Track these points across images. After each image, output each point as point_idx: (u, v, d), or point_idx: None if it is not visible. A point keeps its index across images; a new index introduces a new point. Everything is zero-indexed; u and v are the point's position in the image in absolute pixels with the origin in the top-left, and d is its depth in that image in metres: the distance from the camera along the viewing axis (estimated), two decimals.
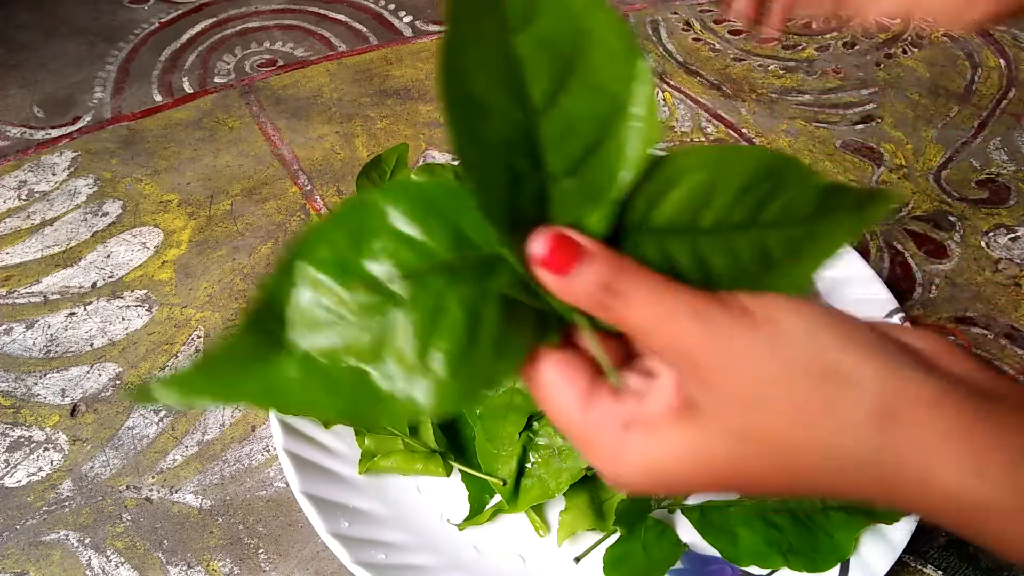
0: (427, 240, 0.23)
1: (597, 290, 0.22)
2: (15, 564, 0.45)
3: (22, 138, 0.71)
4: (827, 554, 0.40)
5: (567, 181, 0.23)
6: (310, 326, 0.22)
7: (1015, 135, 0.73)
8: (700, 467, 0.23)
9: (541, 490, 0.44)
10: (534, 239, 0.23)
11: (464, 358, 0.23)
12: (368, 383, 0.22)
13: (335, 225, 0.23)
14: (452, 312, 0.23)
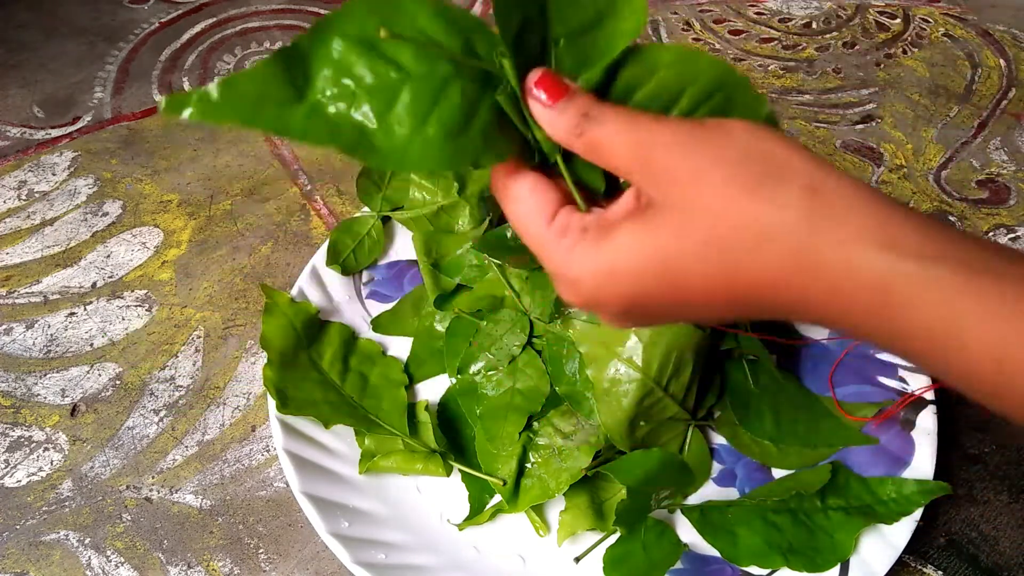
0: (444, 38, 0.26)
1: (577, 116, 0.26)
2: (15, 564, 0.45)
3: (22, 138, 0.71)
4: (827, 554, 0.40)
5: (565, 42, 0.27)
6: (331, 91, 0.25)
7: (1015, 135, 0.73)
8: (649, 262, 0.25)
9: (541, 490, 0.44)
10: (533, 72, 0.26)
11: (456, 135, 0.26)
12: (368, 135, 0.25)
13: (368, 8, 0.26)
14: (453, 96, 0.26)
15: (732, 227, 0.23)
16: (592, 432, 0.44)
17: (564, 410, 0.45)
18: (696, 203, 0.24)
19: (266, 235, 0.63)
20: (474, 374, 0.48)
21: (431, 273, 0.52)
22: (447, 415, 0.49)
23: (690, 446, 0.46)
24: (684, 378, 0.43)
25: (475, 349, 0.48)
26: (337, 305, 0.54)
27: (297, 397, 0.46)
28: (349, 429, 0.48)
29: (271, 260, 0.61)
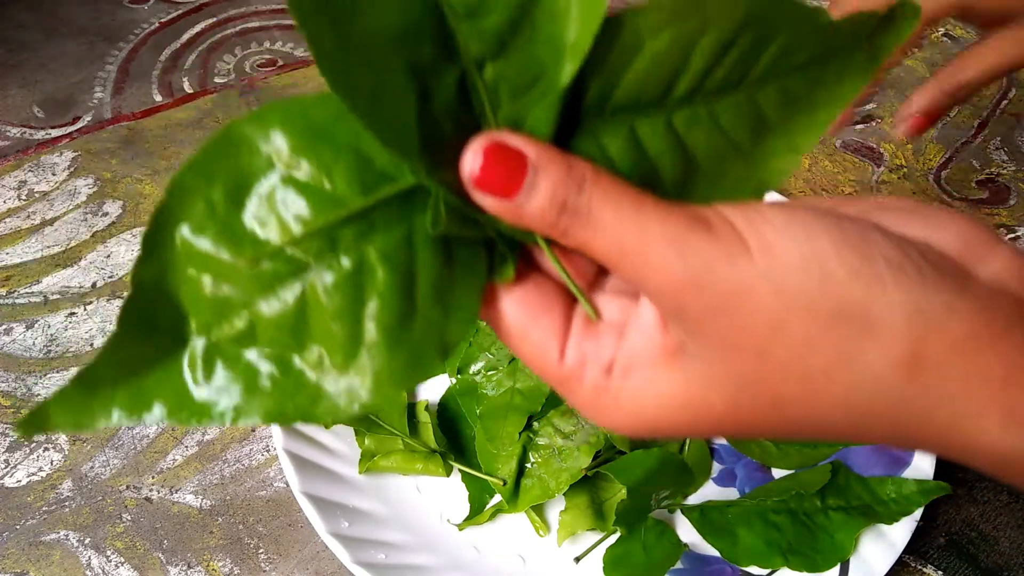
0: (323, 180, 0.18)
1: (552, 210, 0.18)
2: (15, 564, 0.45)
3: (22, 138, 0.71)
4: (827, 554, 0.40)
5: (494, 66, 0.18)
6: (211, 310, 0.18)
7: (1015, 135, 0.73)
8: (693, 413, 0.20)
9: (541, 490, 0.44)
10: (465, 155, 0.18)
11: (403, 325, 0.18)
12: (294, 375, 0.18)
13: (204, 175, 0.17)
14: (375, 270, 0.18)
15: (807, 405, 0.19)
16: (592, 432, 0.44)
17: (564, 410, 0.45)
18: (754, 376, 0.19)
19: None
20: (474, 374, 0.48)
21: None
22: (447, 415, 0.49)
23: (690, 446, 0.46)
24: None
25: (475, 349, 0.48)
26: None
27: None
28: (349, 429, 0.48)
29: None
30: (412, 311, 0.18)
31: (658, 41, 0.18)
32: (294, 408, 0.18)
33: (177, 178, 0.17)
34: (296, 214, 0.18)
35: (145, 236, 0.17)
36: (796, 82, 0.19)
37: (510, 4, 0.17)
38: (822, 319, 0.18)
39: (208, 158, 0.17)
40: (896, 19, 0.19)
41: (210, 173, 0.17)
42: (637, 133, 0.19)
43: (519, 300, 0.21)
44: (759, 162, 0.20)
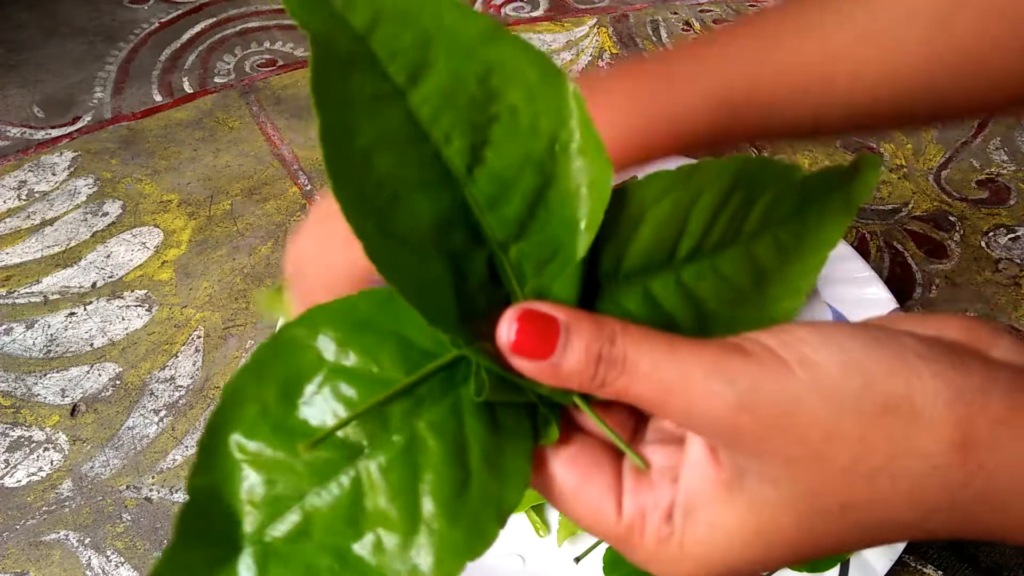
0: (371, 366, 0.19)
1: (589, 364, 0.19)
2: (15, 564, 0.45)
3: (22, 138, 0.71)
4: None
5: (517, 247, 0.20)
6: (265, 512, 0.18)
7: (1015, 135, 0.73)
8: (765, 541, 0.20)
9: None
10: (500, 325, 0.19)
11: (460, 495, 0.19)
12: (353, 563, 0.18)
13: (257, 378, 0.19)
14: (427, 442, 0.19)
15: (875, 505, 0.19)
16: None
17: None
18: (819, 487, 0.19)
19: (266, 235, 0.63)
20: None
21: None
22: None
23: None
24: None
25: None
26: None
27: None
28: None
29: (271, 260, 0.61)
30: (467, 479, 0.19)
31: (660, 208, 0.20)
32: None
33: (230, 384, 0.18)
34: (347, 399, 0.19)
35: (200, 444, 0.18)
36: (785, 232, 0.22)
37: (526, 193, 0.19)
38: (872, 417, 0.18)
39: (260, 362, 0.19)
40: (860, 170, 0.22)
41: (262, 376, 0.19)
42: (652, 292, 0.21)
43: (567, 461, 0.21)
44: (768, 305, 0.22)
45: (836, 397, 0.18)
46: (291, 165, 0.69)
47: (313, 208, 0.22)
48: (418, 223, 0.18)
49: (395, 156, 0.18)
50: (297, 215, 0.64)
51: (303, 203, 0.65)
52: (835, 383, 0.18)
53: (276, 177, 0.68)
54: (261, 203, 0.65)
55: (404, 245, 0.18)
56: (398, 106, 0.18)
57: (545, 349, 0.19)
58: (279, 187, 0.67)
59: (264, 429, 0.18)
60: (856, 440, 0.18)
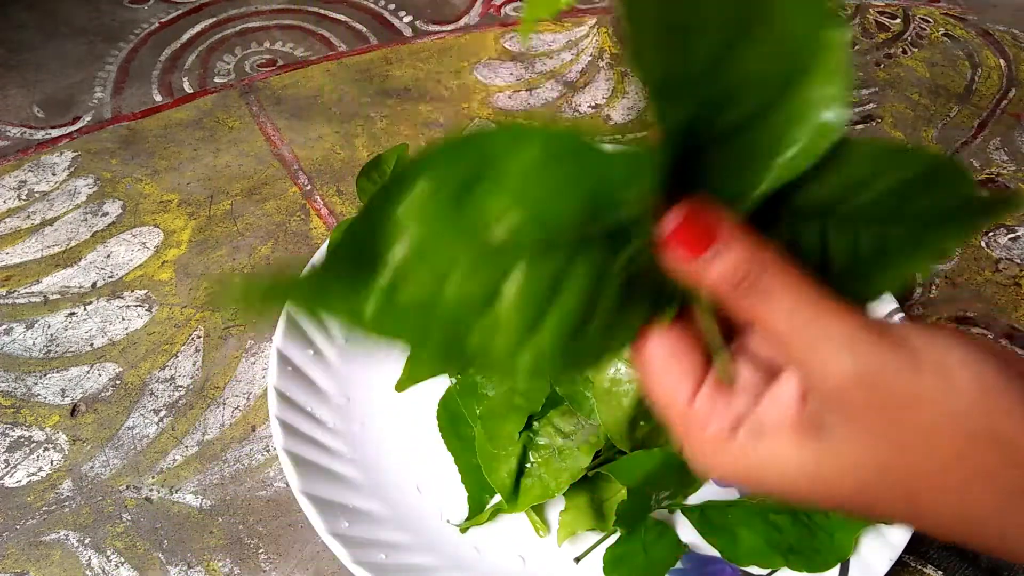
0: (555, 201, 0.20)
1: (733, 277, 0.20)
2: (15, 564, 0.45)
3: (22, 138, 0.71)
4: (827, 554, 0.40)
5: (723, 149, 0.21)
6: (407, 272, 0.20)
7: (1015, 135, 0.73)
8: (823, 486, 0.21)
9: (541, 490, 0.44)
10: (670, 211, 0.20)
11: (574, 335, 0.21)
12: (462, 338, 0.20)
13: (442, 166, 0.20)
14: (573, 285, 0.20)
15: (936, 505, 0.20)
16: (592, 432, 0.44)
17: (564, 410, 0.45)
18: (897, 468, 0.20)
19: (266, 235, 0.63)
20: (474, 374, 0.48)
21: None
22: (447, 415, 0.49)
23: None
24: None
25: None
26: None
27: None
28: (349, 429, 0.48)
29: (271, 260, 0.61)
30: (585, 327, 0.21)
31: (858, 168, 0.22)
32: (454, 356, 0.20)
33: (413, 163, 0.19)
34: (523, 219, 0.20)
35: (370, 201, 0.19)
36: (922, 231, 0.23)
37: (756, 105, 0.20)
38: (979, 440, 0.19)
39: (447, 154, 0.20)
40: (1009, 203, 0.23)
41: (443, 167, 0.19)
42: (797, 228, 0.22)
43: (665, 341, 0.23)
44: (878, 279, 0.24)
45: (956, 412, 0.19)
46: (291, 165, 0.69)
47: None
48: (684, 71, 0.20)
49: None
50: (297, 215, 0.64)
51: (303, 203, 0.65)
52: (962, 400, 0.19)
53: (276, 177, 0.68)
54: (261, 203, 0.65)
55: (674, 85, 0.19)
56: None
57: (698, 248, 0.20)
58: (279, 187, 0.67)
59: (433, 210, 0.19)
60: (953, 455, 0.19)
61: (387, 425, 0.49)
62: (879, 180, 0.22)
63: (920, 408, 0.19)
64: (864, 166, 0.22)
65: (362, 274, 0.20)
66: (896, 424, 0.20)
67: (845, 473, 0.21)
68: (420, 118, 0.74)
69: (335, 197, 0.66)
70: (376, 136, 0.72)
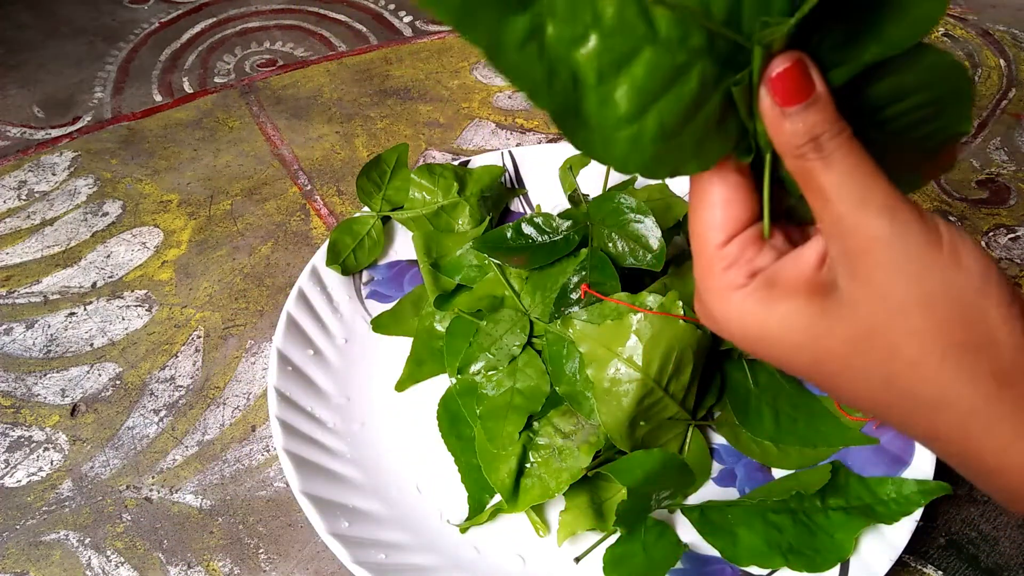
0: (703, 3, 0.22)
1: (806, 136, 0.22)
2: (15, 564, 0.45)
3: (22, 138, 0.71)
4: (827, 554, 0.40)
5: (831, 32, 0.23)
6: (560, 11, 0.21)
7: (1015, 135, 0.73)
8: (806, 347, 0.23)
9: (541, 490, 0.44)
10: (777, 57, 0.22)
11: (674, 132, 0.23)
12: (581, 98, 0.22)
13: None
14: (690, 80, 0.22)
15: (909, 378, 0.22)
16: (592, 432, 0.44)
17: (564, 410, 0.45)
18: (884, 332, 0.22)
19: (266, 235, 0.63)
20: (474, 374, 0.48)
21: (431, 273, 0.52)
22: (447, 415, 0.49)
23: (690, 446, 0.46)
24: (684, 378, 0.43)
25: (475, 349, 0.48)
26: (337, 305, 0.54)
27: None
28: (349, 429, 0.48)
29: (271, 260, 0.61)
30: (685, 128, 0.23)
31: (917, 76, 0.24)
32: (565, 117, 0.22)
33: None
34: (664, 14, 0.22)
35: None
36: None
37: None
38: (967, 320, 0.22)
39: None
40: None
41: None
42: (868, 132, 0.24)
43: (731, 181, 0.24)
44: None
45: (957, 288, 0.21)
46: (291, 165, 0.69)
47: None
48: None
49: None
50: (297, 215, 0.64)
51: (303, 203, 0.65)
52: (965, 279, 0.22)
53: (276, 177, 0.68)
54: (261, 203, 0.65)
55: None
56: None
57: (789, 100, 0.22)
58: (279, 187, 0.67)
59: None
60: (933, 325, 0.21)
61: (387, 425, 0.49)
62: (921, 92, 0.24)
63: (929, 276, 0.21)
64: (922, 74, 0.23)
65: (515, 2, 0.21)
66: (903, 287, 0.22)
67: (838, 333, 0.23)
68: (420, 118, 0.74)
69: (335, 197, 0.66)
70: (376, 136, 0.72)
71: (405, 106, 0.75)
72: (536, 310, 0.49)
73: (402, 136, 0.72)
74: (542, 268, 0.49)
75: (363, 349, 0.53)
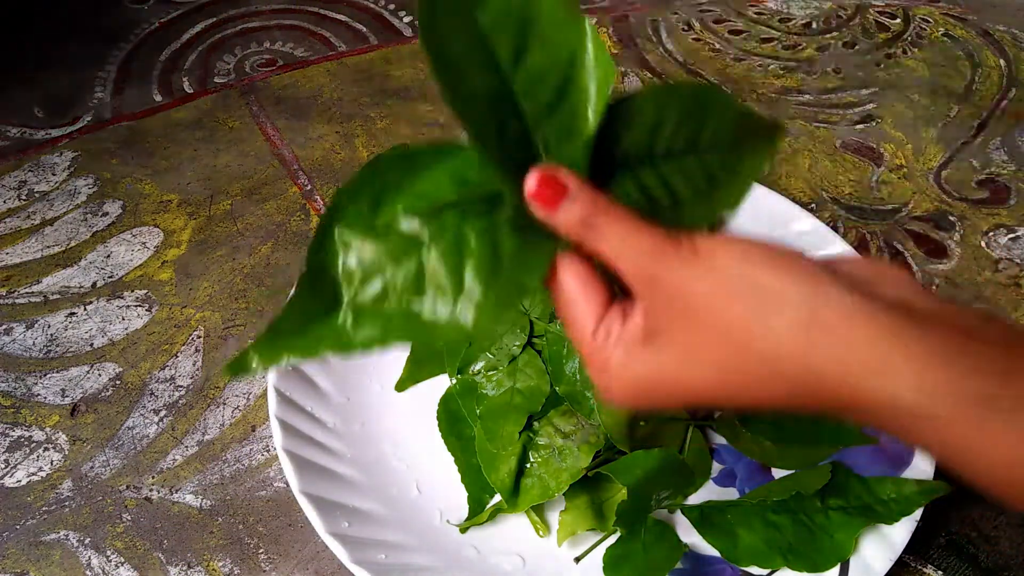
0: (435, 188, 0.27)
1: (577, 224, 0.26)
2: (15, 564, 0.45)
3: (22, 138, 0.71)
4: (827, 554, 0.40)
5: (545, 124, 0.27)
6: (357, 281, 0.26)
7: (1015, 135, 0.73)
8: (660, 382, 0.26)
9: (541, 490, 0.44)
10: (528, 176, 0.26)
11: (492, 275, 0.26)
12: (415, 316, 0.26)
13: (356, 192, 0.26)
14: (471, 241, 0.26)
15: (739, 365, 0.25)
16: (592, 432, 0.44)
17: (564, 410, 0.45)
18: (700, 342, 0.25)
19: (266, 235, 0.63)
20: (474, 374, 0.48)
21: None
22: (447, 415, 0.49)
23: (690, 446, 0.46)
24: None
25: (475, 349, 0.48)
26: None
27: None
28: (349, 429, 0.48)
29: (271, 260, 0.61)
30: (499, 267, 0.26)
31: (646, 113, 0.27)
32: (419, 335, 0.26)
33: (336, 194, 0.26)
34: (417, 208, 0.26)
35: (316, 231, 0.26)
36: (728, 154, 0.29)
37: (553, 87, 0.27)
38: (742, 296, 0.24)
39: (358, 183, 0.26)
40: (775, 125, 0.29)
41: (357, 192, 0.27)
42: (642, 180, 0.28)
43: (576, 272, 0.27)
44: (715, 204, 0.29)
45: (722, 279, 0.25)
46: (291, 165, 0.69)
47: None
48: (480, 94, 0.26)
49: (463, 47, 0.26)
50: (297, 215, 0.64)
51: (303, 203, 0.65)
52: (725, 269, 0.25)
53: (276, 177, 0.68)
54: (261, 203, 0.65)
55: (471, 105, 0.26)
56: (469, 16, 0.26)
57: (553, 203, 0.26)
58: (279, 187, 0.67)
59: (358, 225, 0.26)
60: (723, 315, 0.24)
61: (387, 425, 0.49)
62: (666, 120, 0.27)
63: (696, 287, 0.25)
64: (649, 112, 0.27)
65: (326, 296, 0.26)
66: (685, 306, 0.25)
67: (671, 366, 0.26)
68: (420, 118, 0.74)
69: None
70: (376, 136, 0.72)
71: (405, 106, 0.75)
72: (536, 310, 0.49)
73: (402, 136, 0.72)
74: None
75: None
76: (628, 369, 0.26)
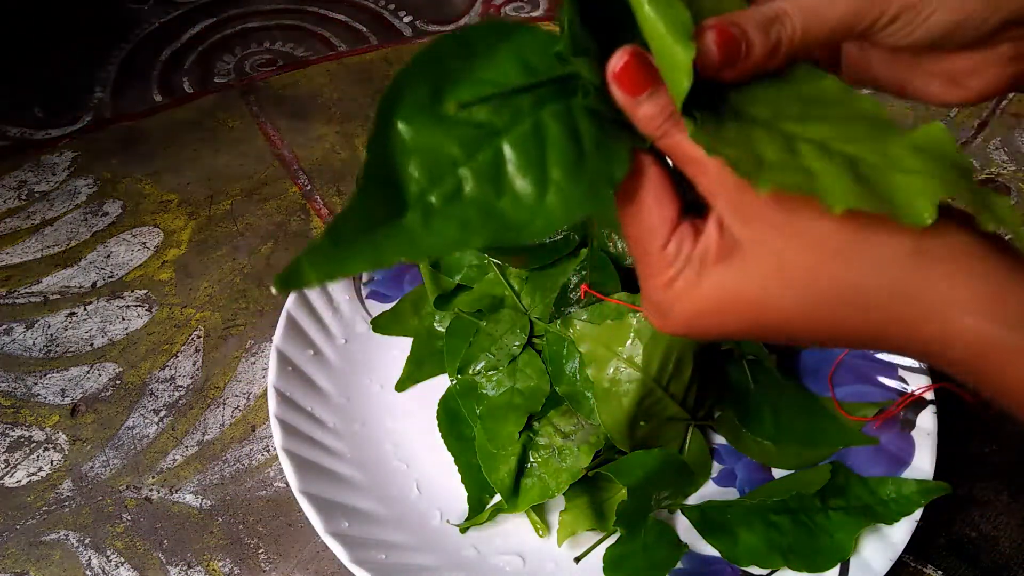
0: (501, 74, 0.24)
1: (661, 114, 0.23)
2: (15, 564, 0.45)
3: (22, 138, 0.71)
4: (827, 554, 0.40)
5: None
6: (426, 177, 0.23)
7: (1015, 135, 0.73)
8: (734, 303, 0.24)
9: (541, 490, 0.44)
10: (614, 56, 0.23)
11: (577, 164, 0.24)
12: (496, 211, 0.23)
13: (414, 78, 0.24)
14: (551, 127, 0.24)
15: (829, 291, 0.23)
16: (592, 432, 0.44)
17: (564, 410, 0.45)
18: (791, 261, 0.23)
19: (266, 235, 0.63)
20: (474, 374, 0.48)
21: (431, 273, 0.52)
22: (447, 415, 0.49)
23: (690, 446, 0.46)
24: (684, 378, 0.43)
25: (475, 349, 0.48)
26: (337, 305, 0.54)
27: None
28: (349, 429, 0.48)
29: (271, 260, 0.61)
30: (583, 156, 0.24)
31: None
32: (500, 232, 0.23)
33: (394, 80, 0.23)
34: (486, 96, 0.24)
35: (375, 121, 0.23)
36: None
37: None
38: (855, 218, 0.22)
39: (415, 70, 0.24)
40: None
41: (416, 80, 0.24)
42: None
43: (652, 183, 0.25)
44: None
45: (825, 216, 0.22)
46: (291, 165, 0.69)
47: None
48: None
49: None
50: (297, 215, 0.64)
51: (303, 203, 0.65)
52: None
53: (276, 177, 0.68)
54: (261, 203, 0.65)
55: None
56: None
57: (637, 89, 0.23)
58: (279, 187, 0.67)
59: (422, 115, 0.23)
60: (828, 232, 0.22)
61: (387, 425, 0.49)
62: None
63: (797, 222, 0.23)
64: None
65: (391, 195, 0.23)
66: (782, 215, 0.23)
67: (753, 284, 0.23)
68: None
69: (335, 197, 0.66)
70: None
71: None
72: (536, 310, 0.48)
73: None
74: (542, 268, 0.49)
75: (363, 349, 0.53)
76: (697, 289, 0.24)
